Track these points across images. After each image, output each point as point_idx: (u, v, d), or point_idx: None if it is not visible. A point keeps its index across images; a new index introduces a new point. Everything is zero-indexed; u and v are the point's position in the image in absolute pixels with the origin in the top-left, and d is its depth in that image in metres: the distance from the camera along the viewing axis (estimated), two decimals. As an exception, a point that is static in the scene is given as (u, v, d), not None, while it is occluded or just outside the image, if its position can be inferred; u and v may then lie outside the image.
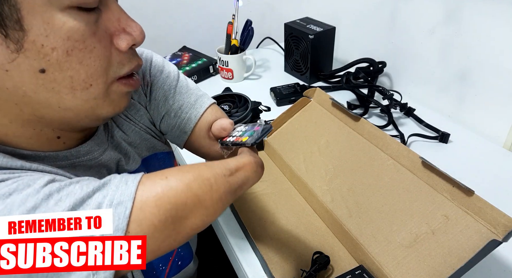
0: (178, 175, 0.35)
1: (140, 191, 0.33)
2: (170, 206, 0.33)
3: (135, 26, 0.38)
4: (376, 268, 0.52)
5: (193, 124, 0.54)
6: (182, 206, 0.33)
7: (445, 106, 0.90)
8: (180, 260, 0.63)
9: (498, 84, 0.77)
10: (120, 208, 0.31)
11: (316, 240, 0.60)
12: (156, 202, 0.32)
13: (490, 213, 0.44)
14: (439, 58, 0.87)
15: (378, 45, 1.03)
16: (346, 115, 0.67)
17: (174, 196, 0.33)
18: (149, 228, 0.32)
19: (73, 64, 0.34)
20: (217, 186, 0.35)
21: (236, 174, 0.38)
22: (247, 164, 0.39)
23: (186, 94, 0.55)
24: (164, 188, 0.33)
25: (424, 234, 0.50)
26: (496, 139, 0.81)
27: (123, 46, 0.38)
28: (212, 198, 0.35)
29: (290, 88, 1.01)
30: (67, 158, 0.43)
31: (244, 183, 0.39)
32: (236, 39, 1.07)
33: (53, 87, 0.35)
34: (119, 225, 0.31)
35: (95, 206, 0.31)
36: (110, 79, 0.39)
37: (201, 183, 0.35)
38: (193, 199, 0.34)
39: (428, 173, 0.52)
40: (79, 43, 0.34)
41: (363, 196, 0.59)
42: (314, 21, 1.06)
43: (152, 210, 0.32)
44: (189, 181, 0.34)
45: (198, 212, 0.34)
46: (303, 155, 0.70)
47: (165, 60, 0.56)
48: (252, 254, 0.60)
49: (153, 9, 1.45)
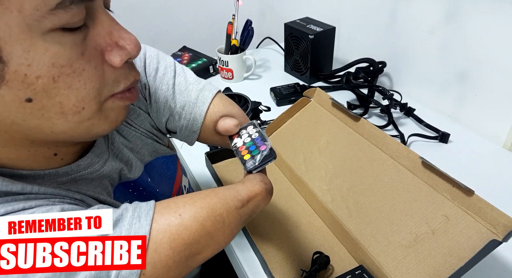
0: (192, 212, 0.34)
1: (155, 231, 0.32)
2: (185, 247, 0.33)
3: (129, 38, 0.35)
4: (376, 268, 0.52)
5: (200, 123, 0.52)
6: (196, 244, 0.34)
7: (445, 106, 0.90)
8: None
9: (498, 84, 0.77)
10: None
11: (316, 240, 0.60)
12: (171, 244, 0.32)
13: (490, 213, 0.44)
14: (439, 58, 0.87)
15: (378, 45, 1.03)
16: (346, 115, 0.67)
17: (189, 237, 0.33)
18: (163, 269, 0.32)
19: (61, 90, 0.32)
20: (229, 221, 0.36)
21: (247, 205, 0.38)
22: (258, 193, 0.39)
23: (186, 91, 0.52)
24: (178, 228, 0.33)
25: (424, 234, 0.50)
26: (496, 139, 0.81)
27: (117, 62, 0.35)
28: (224, 233, 0.35)
29: (290, 88, 1.01)
30: (68, 174, 0.41)
31: (253, 212, 0.39)
32: (236, 39, 1.07)
33: (42, 114, 0.33)
34: (133, 270, 0.31)
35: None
36: (104, 98, 0.36)
37: (214, 220, 0.35)
38: (206, 238, 0.34)
39: (428, 173, 0.52)
40: (65, 68, 0.31)
41: (363, 196, 0.59)
42: (314, 21, 1.06)
43: (167, 252, 0.32)
44: (203, 220, 0.34)
45: (210, 248, 0.35)
46: (303, 155, 0.70)
47: (159, 54, 0.52)
48: (252, 254, 0.60)
49: (153, 9, 1.45)
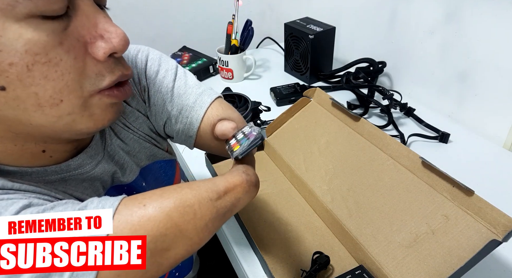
0: (157, 202, 0.31)
1: (116, 221, 0.30)
2: (148, 239, 0.30)
3: (115, 32, 0.33)
4: (376, 268, 0.52)
5: (196, 128, 0.50)
6: (162, 237, 0.31)
7: (445, 106, 0.90)
8: (178, 272, 0.61)
9: (498, 84, 0.77)
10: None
11: (316, 240, 0.60)
12: (132, 235, 0.30)
13: (490, 213, 0.44)
14: (439, 58, 0.87)
15: (378, 45, 1.03)
16: (346, 115, 0.67)
17: (152, 228, 0.30)
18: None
19: (36, 80, 0.31)
20: (201, 213, 0.32)
21: (225, 197, 0.34)
22: (238, 185, 0.35)
23: (184, 95, 0.50)
24: (141, 219, 0.30)
25: (424, 234, 0.50)
26: (496, 139, 0.81)
27: (100, 55, 0.33)
28: (196, 227, 0.32)
29: (290, 88, 1.01)
30: (57, 173, 0.40)
31: (234, 206, 0.35)
32: (236, 39, 1.07)
33: (17, 105, 0.31)
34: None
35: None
36: (87, 93, 0.34)
37: (182, 211, 0.31)
38: (173, 230, 0.31)
39: (428, 173, 0.52)
40: (40, 56, 0.30)
41: (363, 196, 0.59)
42: (314, 21, 1.06)
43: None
44: (169, 210, 0.31)
45: (181, 243, 0.32)
46: (303, 155, 0.70)
47: (162, 57, 0.51)
48: (252, 254, 0.60)
49: (153, 9, 1.45)
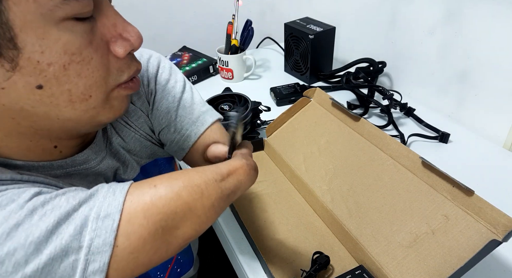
0: (167, 183, 0.33)
1: (128, 202, 0.31)
2: (160, 216, 0.31)
3: (132, 31, 0.37)
4: (376, 268, 0.52)
5: (192, 143, 0.52)
6: (172, 215, 0.32)
7: (445, 106, 0.90)
8: (179, 268, 0.62)
9: (498, 84, 0.77)
10: (107, 221, 0.30)
11: (316, 240, 0.60)
12: (145, 214, 0.31)
13: (490, 213, 0.44)
14: (439, 58, 0.87)
15: (378, 45, 1.03)
16: (346, 115, 0.67)
17: (164, 206, 0.32)
18: (138, 241, 0.31)
19: (71, 78, 0.33)
20: (208, 193, 0.34)
21: (228, 179, 0.36)
22: (239, 167, 0.38)
23: (189, 108, 0.52)
24: (152, 198, 0.32)
25: (424, 234, 0.50)
26: (496, 139, 0.81)
27: (121, 53, 0.37)
28: (203, 205, 0.34)
29: (290, 88, 1.01)
30: (62, 167, 0.42)
31: (237, 188, 0.37)
32: (236, 39, 1.07)
33: (51, 101, 0.34)
34: (107, 239, 0.30)
35: (82, 220, 0.30)
36: (110, 87, 0.38)
37: (191, 190, 0.33)
38: (183, 208, 0.33)
39: (428, 173, 0.52)
40: (76, 56, 0.33)
41: (363, 196, 0.59)
42: (314, 21, 1.06)
43: (141, 222, 0.31)
44: (178, 189, 0.33)
45: (190, 221, 0.33)
46: (303, 155, 0.70)
47: (172, 67, 0.54)
48: (252, 254, 0.60)
49: (153, 8, 1.45)
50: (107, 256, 0.29)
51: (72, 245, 0.29)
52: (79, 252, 0.29)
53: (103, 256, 0.29)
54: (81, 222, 0.30)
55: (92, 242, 0.29)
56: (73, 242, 0.29)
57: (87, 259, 0.29)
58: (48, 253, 0.28)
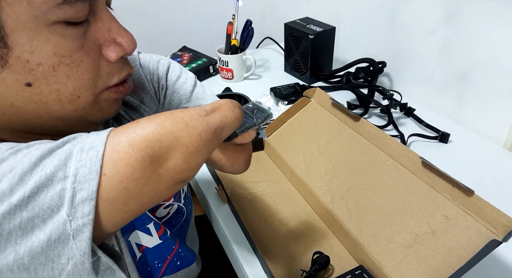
0: (149, 118, 0.33)
1: (112, 135, 0.31)
2: (145, 144, 0.31)
3: (126, 36, 0.37)
4: (376, 268, 0.52)
5: None
6: (158, 143, 0.31)
7: (445, 106, 0.90)
8: (179, 260, 0.62)
9: (498, 84, 0.77)
10: (92, 152, 0.30)
11: (316, 240, 0.60)
12: (129, 141, 0.30)
13: (490, 213, 0.44)
14: (439, 58, 0.87)
15: (378, 45, 1.03)
16: (346, 115, 0.67)
17: (148, 134, 0.31)
18: (126, 168, 0.30)
19: (59, 78, 0.34)
20: (193, 124, 0.33)
21: (213, 114, 0.36)
22: (222, 104, 0.37)
23: (202, 99, 0.54)
24: (135, 129, 0.31)
25: (424, 234, 0.50)
26: (496, 139, 0.81)
27: (113, 57, 0.37)
28: (190, 134, 0.33)
29: (290, 88, 1.01)
30: None
31: (223, 122, 0.36)
32: (236, 39, 1.07)
33: (40, 99, 0.35)
34: (92, 167, 0.29)
35: (66, 153, 0.30)
36: (99, 90, 0.38)
37: (174, 121, 0.33)
38: (168, 136, 0.32)
39: (428, 173, 0.52)
40: (66, 58, 0.34)
41: (363, 196, 0.59)
42: (314, 21, 1.06)
43: (126, 150, 0.30)
44: (160, 120, 0.32)
45: (178, 151, 0.32)
46: (303, 155, 0.70)
47: (182, 68, 0.56)
48: (252, 254, 0.60)
49: (153, 9, 1.45)
50: (94, 183, 0.29)
51: (57, 174, 0.29)
52: (65, 181, 0.29)
53: (90, 183, 0.29)
54: (65, 155, 0.29)
55: (78, 171, 0.29)
56: (58, 172, 0.29)
57: (74, 187, 0.29)
58: (33, 183, 0.28)
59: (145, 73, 0.53)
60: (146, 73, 0.53)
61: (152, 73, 0.53)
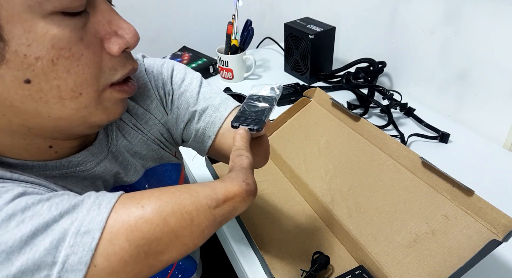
0: (156, 205, 0.31)
1: (112, 220, 0.29)
2: (143, 241, 0.30)
3: (128, 28, 0.36)
4: (376, 268, 0.52)
5: (218, 128, 0.50)
6: (157, 241, 0.30)
7: (445, 106, 0.90)
8: (180, 274, 0.61)
9: (498, 84, 0.77)
10: (86, 238, 0.28)
11: (316, 240, 0.60)
12: (127, 236, 0.29)
13: (490, 213, 0.44)
14: (439, 58, 0.87)
15: (378, 45, 1.03)
16: (346, 115, 0.67)
17: (148, 231, 0.30)
18: (118, 264, 0.29)
19: (59, 73, 0.33)
20: (199, 220, 0.32)
21: (223, 205, 0.34)
22: (237, 194, 0.35)
23: (210, 98, 0.52)
24: (138, 221, 0.30)
25: (424, 234, 0.50)
26: (496, 139, 0.81)
27: (115, 51, 0.36)
28: (192, 233, 0.32)
29: (290, 88, 1.01)
30: (58, 168, 0.40)
31: (230, 214, 0.35)
32: (236, 39, 1.07)
33: (40, 97, 0.33)
34: (83, 257, 0.28)
35: (60, 233, 0.28)
36: (101, 86, 0.36)
37: (180, 217, 0.31)
38: (169, 235, 0.31)
39: (428, 173, 0.52)
40: (64, 51, 0.32)
41: (363, 196, 0.59)
42: (314, 21, 1.06)
43: (122, 245, 0.29)
44: (167, 214, 0.31)
45: (175, 248, 0.32)
46: (303, 155, 0.70)
47: (187, 68, 0.54)
48: (252, 254, 0.60)
49: (153, 9, 1.45)
50: (81, 274, 0.28)
51: (45, 259, 0.27)
52: (52, 268, 0.28)
53: (77, 275, 0.28)
54: (59, 235, 0.28)
55: (68, 259, 0.28)
56: (47, 256, 0.28)
57: (60, 276, 0.28)
58: (19, 265, 0.27)
59: (150, 79, 0.51)
60: (151, 78, 0.51)
61: (156, 79, 0.51)
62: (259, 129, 0.43)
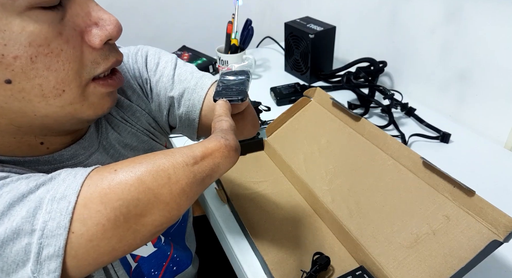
0: (129, 167, 0.31)
1: (86, 186, 0.29)
2: (119, 202, 0.29)
3: (109, 19, 0.34)
4: (377, 269, 0.52)
5: (199, 110, 0.50)
6: (135, 201, 0.29)
7: (446, 106, 0.90)
8: (175, 266, 0.61)
9: (499, 84, 0.77)
10: (62, 202, 0.28)
11: (316, 241, 0.60)
12: (102, 199, 0.29)
13: (491, 214, 0.44)
14: (440, 57, 0.87)
15: (379, 44, 1.02)
16: (346, 115, 0.66)
17: (123, 191, 0.29)
18: (96, 228, 0.28)
19: (40, 71, 0.32)
20: (177, 177, 0.31)
21: (202, 162, 0.33)
22: (215, 150, 0.34)
23: (185, 80, 0.50)
24: (111, 183, 0.29)
25: (424, 235, 0.50)
26: (497, 139, 0.81)
27: (96, 43, 0.34)
28: (171, 191, 0.31)
29: (290, 87, 1.01)
30: (50, 163, 0.40)
31: (213, 171, 0.34)
32: (236, 39, 1.06)
33: (23, 97, 0.32)
34: (61, 222, 0.28)
35: (36, 202, 0.28)
36: (84, 81, 0.35)
37: (156, 175, 0.30)
38: (147, 194, 0.30)
39: (429, 173, 0.52)
40: (43, 48, 0.31)
41: (363, 197, 0.58)
42: (314, 21, 1.05)
43: (97, 208, 0.28)
44: (141, 174, 0.30)
45: (156, 208, 0.30)
46: (303, 155, 0.70)
47: (161, 52, 0.52)
48: (252, 254, 0.60)
49: (153, 8, 1.45)
50: (62, 239, 0.28)
51: (24, 227, 0.27)
52: (32, 236, 0.28)
53: (58, 239, 0.28)
54: (36, 204, 0.28)
55: (46, 225, 0.28)
56: (25, 224, 0.27)
57: (41, 242, 0.27)
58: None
59: (128, 69, 0.50)
60: (129, 68, 0.50)
61: (133, 68, 0.50)
62: (243, 99, 0.43)
